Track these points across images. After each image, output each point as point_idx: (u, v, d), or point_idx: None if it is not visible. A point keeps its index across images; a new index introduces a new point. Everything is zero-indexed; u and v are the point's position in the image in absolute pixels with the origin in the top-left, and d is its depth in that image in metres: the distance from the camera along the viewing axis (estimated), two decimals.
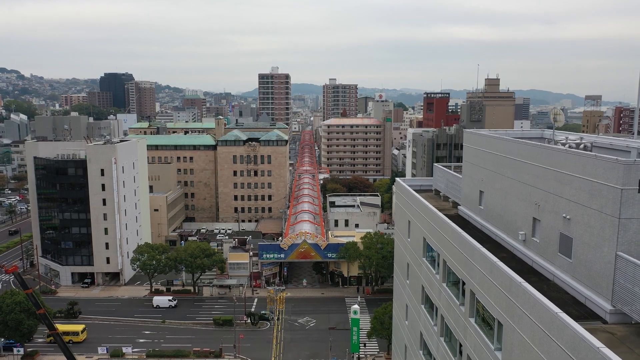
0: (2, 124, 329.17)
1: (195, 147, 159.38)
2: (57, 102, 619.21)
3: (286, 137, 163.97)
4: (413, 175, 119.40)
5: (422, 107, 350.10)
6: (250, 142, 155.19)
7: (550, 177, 25.98)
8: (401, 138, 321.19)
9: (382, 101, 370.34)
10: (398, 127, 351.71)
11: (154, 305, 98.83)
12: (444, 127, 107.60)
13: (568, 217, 24.13)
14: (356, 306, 70.93)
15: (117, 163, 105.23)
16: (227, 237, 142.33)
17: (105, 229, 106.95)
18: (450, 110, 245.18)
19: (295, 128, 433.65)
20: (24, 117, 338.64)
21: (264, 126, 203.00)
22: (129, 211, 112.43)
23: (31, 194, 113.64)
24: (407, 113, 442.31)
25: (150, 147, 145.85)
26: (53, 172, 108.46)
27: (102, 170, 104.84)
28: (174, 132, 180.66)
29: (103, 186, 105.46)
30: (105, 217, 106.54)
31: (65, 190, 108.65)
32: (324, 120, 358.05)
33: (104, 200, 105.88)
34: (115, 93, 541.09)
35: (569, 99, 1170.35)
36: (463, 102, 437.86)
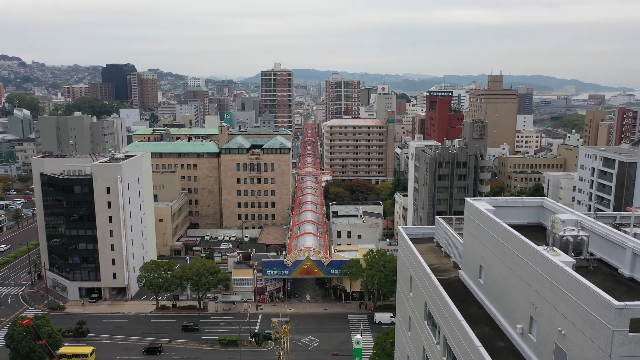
0: (5, 120, 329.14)
1: (199, 155, 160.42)
2: (59, 91, 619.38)
3: (289, 145, 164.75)
4: (415, 189, 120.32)
5: (425, 98, 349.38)
6: (253, 150, 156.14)
7: (546, 285, 26.58)
8: (404, 133, 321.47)
9: (385, 94, 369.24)
10: (400, 120, 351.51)
11: (376, 322, 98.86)
12: (446, 145, 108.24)
13: (563, 332, 24.98)
14: (359, 336, 72.38)
15: (122, 181, 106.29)
16: (230, 245, 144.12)
17: (112, 246, 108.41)
18: (453, 110, 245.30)
19: (297, 121, 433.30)
20: (27, 112, 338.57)
21: (266, 131, 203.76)
22: (135, 226, 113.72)
23: (38, 209, 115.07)
24: (409, 105, 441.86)
25: (154, 155, 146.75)
26: (59, 189, 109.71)
27: (108, 189, 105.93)
28: (177, 138, 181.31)
29: (109, 204, 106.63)
30: (111, 233, 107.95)
31: (72, 206, 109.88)
32: (326, 115, 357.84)
33: (110, 218, 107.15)
34: (118, 84, 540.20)
35: (573, 84, 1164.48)
36: (466, 92, 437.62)
